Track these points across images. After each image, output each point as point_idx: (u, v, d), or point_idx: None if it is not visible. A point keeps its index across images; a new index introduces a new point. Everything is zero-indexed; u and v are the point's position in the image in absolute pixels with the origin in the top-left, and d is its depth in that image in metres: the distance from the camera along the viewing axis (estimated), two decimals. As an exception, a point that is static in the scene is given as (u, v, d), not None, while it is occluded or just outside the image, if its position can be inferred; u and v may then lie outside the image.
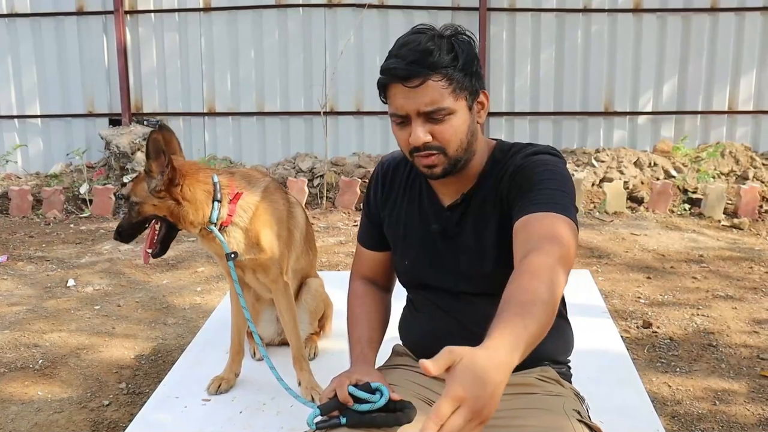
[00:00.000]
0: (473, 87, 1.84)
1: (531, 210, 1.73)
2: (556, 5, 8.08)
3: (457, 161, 1.86)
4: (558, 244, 1.64)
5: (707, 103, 8.20)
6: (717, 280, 5.07)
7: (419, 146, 1.82)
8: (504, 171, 1.89)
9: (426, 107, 1.79)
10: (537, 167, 1.83)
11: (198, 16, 8.30)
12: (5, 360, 3.85)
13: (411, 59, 1.80)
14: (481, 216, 1.91)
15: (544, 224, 1.70)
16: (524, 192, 1.80)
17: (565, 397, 1.94)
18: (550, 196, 1.76)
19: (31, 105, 8.53)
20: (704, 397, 3.38)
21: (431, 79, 1.77)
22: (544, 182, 1.79)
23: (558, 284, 1.60)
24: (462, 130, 1.84)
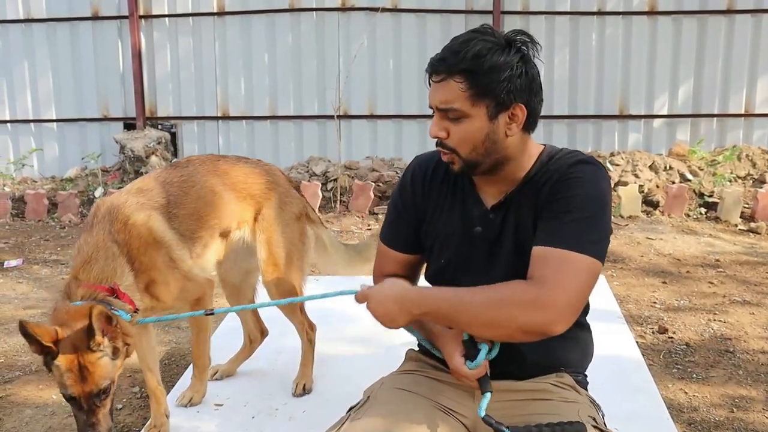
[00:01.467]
0: (502, 98, 1.80)
1: (555, 243, 1.76)
2: (569, 8, 8.05)
3: (474, 164, 1.86)
4: (544, 285, 1.71)
5: (723, 106, 8.15)
6: (734, 284, 5.02)
7: (434, 139, 1.88)
8: (546, 177, 1.87)
9: (440, 104, 1.84)
10: (574, 188, 1.81)
11: (212, 20, 8.33)
12: (20, 363, 3.86)
13: (442, 56, 1.86)
14: (520, 221, 1.90)
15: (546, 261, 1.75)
16: (555, 214, 1.80)
17: (581, 404, 1.93)
18: (577, 230, 1.76)
19: (46, 109, 8.59)
20: (721, 403, 3.34)
21: (453, 79, 1.81)
22: (576, 210, 1.78)
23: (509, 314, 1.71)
24: (475, 137, 1.83)
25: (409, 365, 2.14)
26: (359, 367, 2.55)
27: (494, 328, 1.75)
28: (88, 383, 2.00)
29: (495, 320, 1.73)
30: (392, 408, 1.89)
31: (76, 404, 2.01)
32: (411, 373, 2.08)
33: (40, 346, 1.98)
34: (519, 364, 1.95)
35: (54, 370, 2.01)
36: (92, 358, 2.03)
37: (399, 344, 2.36)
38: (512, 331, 1.73)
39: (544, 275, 1.72)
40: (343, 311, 3.49)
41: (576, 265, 1.73)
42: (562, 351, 1.98)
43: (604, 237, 1.82)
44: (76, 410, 2.03)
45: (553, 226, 1.78)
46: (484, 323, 1.75)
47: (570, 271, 1.73)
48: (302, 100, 8.36)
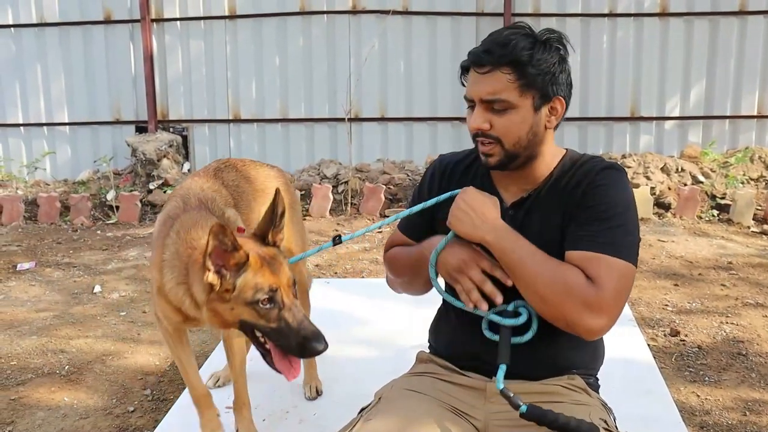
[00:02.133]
0: (546, 90, 1.87)
1: (594, 248, 1.81)
2: (581, 10, 8.03)
3: (514, 156, 1.90)
4: (599, 289, 1.76)
5: (735, 108, 8.11)
6: (746, 287, 4.99)
7: (476, 132, 1.89)
8: (574, 181, 1.91)
9: (487, 96, 1.85)
10: (607, 195, 1.87)
11: (223, 23, 8.36)
12: (32, 366, 3.88)
13: (487, 48, 1.86)
14: (545, 222, 1.92)
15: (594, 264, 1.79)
16: (593, 220, 1.84)
17: (592, 406, 1.93)
18: (618, 237, 1.82)
19: (59, 113, 8.63)
20: (734, 407, 3.32)
21: (500, 70, 1.83)
22: (615, 218, 1.84)
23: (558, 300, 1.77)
24: (521, 128, 1.87)
25: (420, 367, 2.14)
26: (370, 370, 2.55)
27: (543, 303, 1.81)
28: (284, 274, 1.93)
29: (547, 298, 1.79)
30: (404, 409, 1.90)
31: (276, 302, 1.88)
32: (422, 375, 2.08)
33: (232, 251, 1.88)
34: (531, 366, 1.96)
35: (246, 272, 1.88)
36: (275, 251, 2.00)
37: (409, 347, 2.36)
38: (556, 315, 1.81)
39: (598, 278, 1.78)
40: (354, 314, 3.49)
41: (622, 272, 1.80)
42: (573, 353, 1.99)
43: (636, 240, 1.88)
44: (276, 310, 1.89)
45: (591, 231, 1.83)
46: (538, 293, 1.81)
47: (619, 278, 1.79)
48: (313, 103, 8.38)
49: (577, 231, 1.85)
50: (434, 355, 2.14)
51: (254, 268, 1.89)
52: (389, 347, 3.11)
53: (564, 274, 1.79)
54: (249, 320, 1.89)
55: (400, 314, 3.41)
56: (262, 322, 1.89)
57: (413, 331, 2.51)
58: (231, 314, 1.91)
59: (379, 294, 3.80)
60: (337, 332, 3.21)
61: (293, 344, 1.86)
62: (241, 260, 1.88)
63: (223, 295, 1.90)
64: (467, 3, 8.12)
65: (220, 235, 1.84)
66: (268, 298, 1.87)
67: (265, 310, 1.87)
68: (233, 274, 1.88)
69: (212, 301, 1.92)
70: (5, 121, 8.70)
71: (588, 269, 1.79)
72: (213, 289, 1.91)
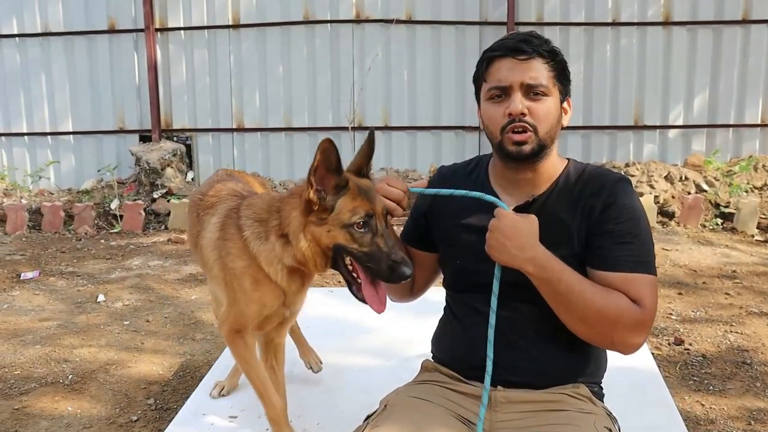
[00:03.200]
0: (565, 87, 1.98)
1: (634, 269, 1.87)
2: (584, 19, 8.05)
3: (544, 146, 1.94)
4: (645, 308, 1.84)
5: (739, 116, 8.11)
6: (751, 296, 4.98)
7: (516, 116, 1.89)
8: (589, 189, 1.95)
9: (530, 80, 1.89)
10: (629, 212, 1.91)
11: (227, 32, 8.38)
12: (36, 375, 3.88)
13: (521, 39, 1.93)
14: (553, 225, 1.92)
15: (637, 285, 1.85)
16: (623, 239, 1.89)
17: (597, 415, 1.93)
18: (645, 252, 1.90)
19: (63, 122, 8.66)
20: (739, 416, 3.31)
21: (537, 59, 1.91)
22: (637, 236, 1.90)
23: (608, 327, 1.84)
24: (554, 115, 1.94)
25: (425, 375, 2.14)
26: (374, 379, 2.54)
27: (589, 329, 1.86)
28: (379, 203, 1.98)
29: (597, 325, 1.85)
30: (410, 416, 1.90)
31: (371, 227, 1.93)
32: (427, 383, 2.08)
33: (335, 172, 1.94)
34: (536, 375, 1.96)
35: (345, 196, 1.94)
36: (370, 182, 2.03)
37: (414, 356, 2.35)
38: (603, 340, 1.90)
39: (643, 298, 1.85)
40: (358, 323, 3.49)
41: (653, 288, 1.88)
42: (577, 362, 1.99)
43: (654, 251, 1.96)
44: (369, 235, 1.93)
45: (628, 250, 1.88)
46: (586, 321, 1.85)
47: (654, 293, 1.88)
48: (317, 112, 8.39)
49: (612, 251, 1.88)
50: (438, 364, 2.14)
51: (352, 194, 1.95)
52: (393, 356, 3.10)
53: (612, 301, 1.83)
54: (343, 243, 1.94)
55: (404, 323, 3.41)
56: (355, 246, 1.94)
57: (417, 340, 2.50)
58: (327, 237, 1.96)
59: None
60: (341, 341, 3.22)
61: (384, 268, 1.90)
62: (341, 183, 1.95)
63: (321, 215, 1.96)
64: (471, 12, 8.14)
65: (328, 150, 1.91)
66: (363, 223, 1.93)
67: (360, 234, 1.93)
68: (332, 197, 1.95)
69: (309, 225, 1.98)
70: (10, 130, 8.74)
71: (631, 291, 1.85)
72: (311, 209, 1.97)
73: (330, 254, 2.00)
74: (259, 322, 2.27)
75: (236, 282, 2.21)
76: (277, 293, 2.20)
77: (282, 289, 2.18)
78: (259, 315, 2.25)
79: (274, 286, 2.17)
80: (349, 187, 1.96)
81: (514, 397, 1.95)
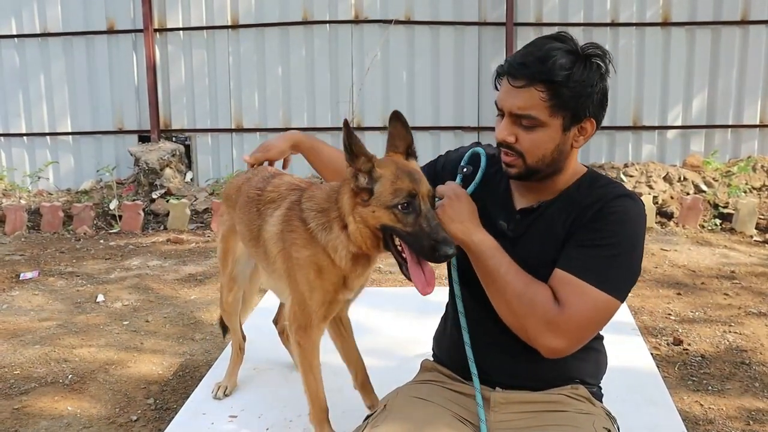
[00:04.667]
0: (578, 110, 1.85)
1: (582, 274, 1.81)
2: (583, 19, 8.06)
3: (535, 171, 1.90)
4: (563, 311, 1.78)
5: (738, 117, 8.11)
6: (749, 296, 4.99)
7: (500, 142, 1.90)
8: (588, 201, 1.90)
9: (516, 110, 1.84)
10: (613, 223, 1.84)
11: (226, 33, 8.38)
12: (36, 375, 3.88)
13: (525, 61, 1.82)
14: (551, 229, 1.93)
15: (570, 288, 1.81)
16: (588, 243, 1.84)
17: (596, 415, 1.93)
18: (605, 267, 1.81)
19: (62, 122, 8.66)
20: (737, 416, 3.32)
21: (534, 87, 1.80)
22: (610, 247, 1.82)
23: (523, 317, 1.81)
24: (546, 147, 1.86)
25: (425, 375, 2.15)
26: (374, 379, 2.54)
27: (508, 313, 1.86)
28: (424, 184, 2.02)
29: (513, 311, 1.84)
30: (410, 416, 1.91)
31: (414, 207, 1.96)
32: (426, 383, 2.09)
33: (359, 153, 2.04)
34: (535, 376, 1.96)
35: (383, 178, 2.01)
36: (415, 164, 2.16)
37: (414, 356, 2.36)
38: (518, 328, 1.85)
39: (564, 301, 1.79)
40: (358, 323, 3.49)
41: (595, 302, 1.79)
42: (577, 363, 1.99)
43: (631, 276, 1.86)
44: (413, 215, 1.96)
45: (584, 255, 1.83)
46: (505, 302, 1.85)
47: (589, 305, 1.79)
48: (316, 112, 8.39)
49: (571, 251, 1.85)
50: (438, 364, 2.15)
51: (392, 175, 2.02)
52: (393, 356, 3.10)
53: (532, 291, 1.81)
54: (388, 224, 1.99)
55: (405, 323, 3.41)
56: (399, 226, 1.97)
57: (417, 340, 2.51)
58: (373, 218, 2.01)
59: (384, 303, 3.80)
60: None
61: (426, 247, 1.92)
62: (367, 164, 2.04)
63: (363, 196, 2.02)
64: (470, 13, 8.14)
65: (345, 134, 2.06)
66: (406, 203, 1.96)
67: (403, 215, 1.96)
68: (369, 180, 2.02)
69: (357, 207, 2.05)
70: (8, 131, 8.73)
71: (560, 291, 1.81)
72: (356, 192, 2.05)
73: (380, 235, 2.04)
74: (323, 311, 2.30)
75: (300, 272, 2.25)
76: (339, 279, 2.24)
77: (344, 274, 2.22)
78: (322, 303, 2.28)
79: (336, 272, 2.21)
80: (379, 169, 2.03)
81: (513, 398, 1.96)
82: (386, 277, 5.48)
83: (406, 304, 3.74)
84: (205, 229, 7.33)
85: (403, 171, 2.05)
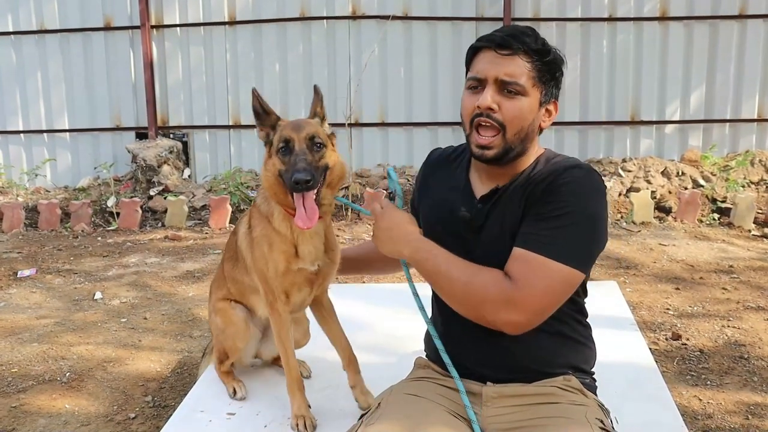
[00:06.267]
0: (549, 89, 1.94)
1: (535, 248, 1.81)
2: (581, 14, 8.05)
3: (511, 149, 1.91)
4: (517, 287, 1.79)
5: (736, 111, 8.11)
6: (748, 291, 4.99)
7: (483, 110, 1.88)
8: (539, 177, 1.91)
9: (505, 76, 1.87)
10: (563, 194, 1.84)
11: (223, 29, 8.37)
12: (33, 373, 3.88)
13: (509, 33, 1.90)
14: (507, 210, 1.94)
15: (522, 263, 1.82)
16: (540, 217, 1.84)
17: (589, 407, 1.93)
18: (559, 238, 1.81)
19: (59, 119, 8.65)
20: (736, 411, 3.32)
21: (520, 56, 1.87)
22: (563, 217, 1.82)
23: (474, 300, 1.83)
24: (526, 117, 1.90)
25: (419, 373, 2.15)
26: (369, 376, 2.54)
27: (464, 308, 1.88)
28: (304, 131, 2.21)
29: (466, 302, 1.86)
30: (405, 413, 1.90)
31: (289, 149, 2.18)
32: (421, 380, 2.09)
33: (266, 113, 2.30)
34: (519, 367, 1.96)
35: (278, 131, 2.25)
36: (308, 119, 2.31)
37: (409, 353, 2.35)
38: (479, 317, 1.85)
39: (518, 277, 1.80)
40: (353, 320, 3.48)
41: (551, 273, 1.79)
42: (566, 353, 2.00)
43: (589, 245, 1.86)
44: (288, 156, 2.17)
45: (537, 229, 1.83)
46: (458, 301, 1.88)
47: (544, 278, 1.79)
48: (313, 109, 8.36)
49: (525, 228, 1.87)
50: (432, 362, 2.15)
51: (281, 127, 2.26)
52: (388, 354, 3.09)
53: (479, 278, 1.83)
54: (279, 168, 2.19)
55: (399, 321, 3.40)
56: (283, 168, 2.17)
57: (412, 337, 2.50)
58: (272, 165, 2.22)
59: (379, 300, 3.79)
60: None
61: (289, 179, 2.12)
62: (273, 122, 2.30)
63: (269, 152, 2.26)
64: (467, 8, 8.14)
65: (254, 98, 2.31)
66: (284, 146, 2.19)
67: (284, 157, 2.18)
68: (273, 134, 2.27)
69: (265, 162, 2.27)
70: (5, 128, 8.73)
71: (514, 267, 1.82)
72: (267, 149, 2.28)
73: (281, 181, 2.20)
74: (282, 284, 2.39)
75: (258, 250, 2.40)
76: (290, 248, 2.34)
77: (293, 243, 2.33)
78: (277, 274, 2.37)
79: (283, 241, 2.33)
80: (281, 123, 2.28)
81: (505, 391, 1.96)
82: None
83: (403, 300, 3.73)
84: (202, 226, 7.32)
85: (291, 123, 2.27)
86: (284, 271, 2.35)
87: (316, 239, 2.34)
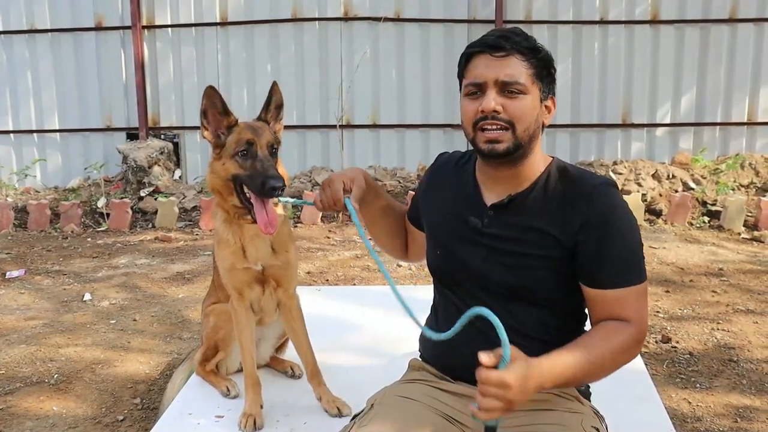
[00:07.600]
0: (547, 86, 1.94)
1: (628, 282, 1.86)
2: (572, 17, 8.07)
3: (520, 145, 1.90)
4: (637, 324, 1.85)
5: (726, 115, 8.15)
6: (737, 293, 5.00)
7: (488, 114, 1.87)
8: (571, 193, 1.91)
9: (505, 77, 1.86)
10: (619, 219, 1.88)
11: (215, 30, 8.35)
12: (21, 375, 3.86)
13: (500, 35, 1.91)
14: (527, 225, 1.92)
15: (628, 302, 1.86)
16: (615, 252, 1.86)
17: (584, 414, 1.93)
18: (635, 261, 1.88)
19: (49, 120, 8.61)
20: (725, 413, 3.33)
21: (515, 56, 1.88)
22: (632, 243, 1.88)
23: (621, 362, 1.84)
24: (531, 114, 1.90)
25: (413, 374, 2.14)
26: (362, 378, 2.54)
27: (610, 373, 1.87)
28: (264, 136, 2.29)
29: (614, 369, 1.85)
30: (397, 415, 1.90)
31: (251, 153, 2.25)
32: (414, 382, 2.08)
33: (224, 114, 2.32)
34: None
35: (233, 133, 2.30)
36: (263, 124, 2.37)
37: (402, 354, 2.34)
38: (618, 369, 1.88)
39: (632, 317, 1.85)
40: (345, 322, 3.48)
41: (644, 294, 1.89)
42: None
43: (643, 255, 1.94)
44: (250, 160, 2.25)
45: (613, 264, 1.86)
46: (612, 371, 1.86)
47: (643, 301, 1.89)
48: (305, 110, 8.37)
49: (600, 266, 1.86)
50: (426, 363, 2.14)
51: (240, 129, 2.30)
52: (381, 355, 3.09)
53: (611, 343, 1.82)
54: (234, 172, 2.25)
55: (392, 322, 3.39)
56: (242, 171, 2.24)
57: (405, 338, 2.49)
58: (223, 168, 2.28)
59: (371, 302, 3.79)
60: (328, 340, 3.20)
61: (258, 184, 2.19)
62: (231, 123, 2.32)
63: (219, 153, 2.30)
64: (459, 10, 8.14)
65: (212, 96, 2.30)
66: (245, 150, 2.25)
67: (243, 160, 2.25)
68: (226, 135, 2.31)
69: (212, 164, 2.33)
70: (-5, 128, 8.67)
71: (624, 309, 1.85)
72: (214, 150, 2.32)
73: (231, 185, 2.28)
74: (232, 282, 2.51)
75: (216, 251, 2.53)
76: (237, 249, 2.44)
77: (241, 244, 2.42)
78: (226, 271, 2.50)
79: (230, 242, 2.43)
80: (239, 126, 2.31)
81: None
82: (375, 275, 5.47)
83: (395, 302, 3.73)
84: (193, 227, 7.30)
85: (248, 125, 2.32)
86: (230, 268, 2.47)
87: (257, 241, 2.42)
